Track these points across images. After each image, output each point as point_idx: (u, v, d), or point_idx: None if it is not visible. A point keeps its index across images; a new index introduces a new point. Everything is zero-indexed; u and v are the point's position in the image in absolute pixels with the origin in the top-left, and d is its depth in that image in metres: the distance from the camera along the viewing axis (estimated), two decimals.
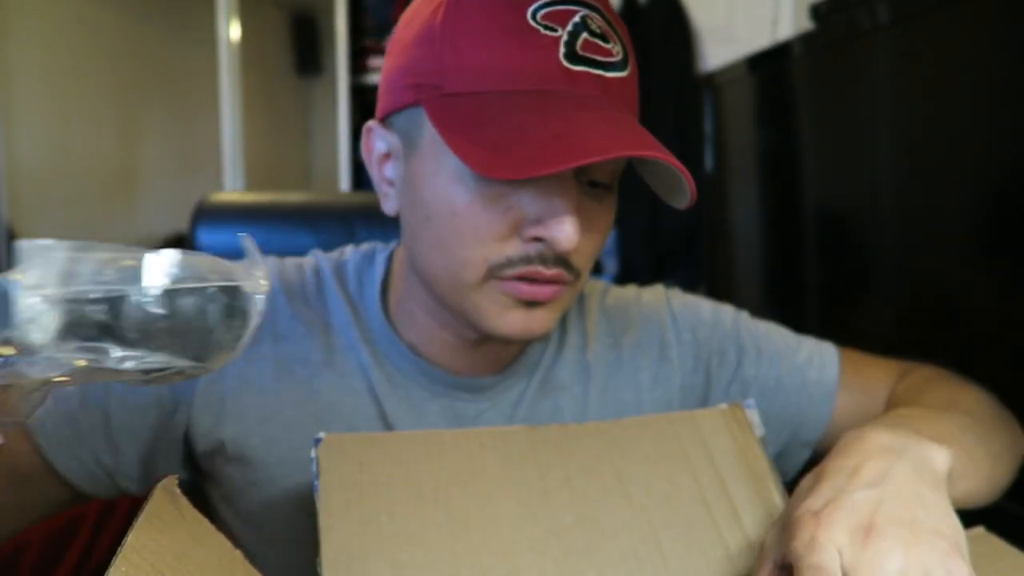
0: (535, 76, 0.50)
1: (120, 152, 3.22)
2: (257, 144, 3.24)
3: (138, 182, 3.32)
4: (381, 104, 0.59)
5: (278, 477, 0.60)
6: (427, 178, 0.54)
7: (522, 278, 0.53)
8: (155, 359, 0.33)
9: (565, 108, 0.49)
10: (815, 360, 0.70)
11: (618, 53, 0.53)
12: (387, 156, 0.59)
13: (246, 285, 0.35)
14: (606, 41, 0.52)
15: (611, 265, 2.50)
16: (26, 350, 0.31)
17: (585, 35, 0.51)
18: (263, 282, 0.36)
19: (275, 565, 0.56)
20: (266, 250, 0.93)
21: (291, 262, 0.69)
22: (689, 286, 0.77)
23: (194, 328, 0.34)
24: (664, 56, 2.30)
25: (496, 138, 0.48)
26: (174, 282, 0.33)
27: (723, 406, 0.57)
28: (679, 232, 2.34)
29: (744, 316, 0.73)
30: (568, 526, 0.48)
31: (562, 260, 0.53)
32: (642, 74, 0.58)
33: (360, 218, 0.93)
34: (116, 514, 0.85)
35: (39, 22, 2.79)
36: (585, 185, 0.54)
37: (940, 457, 0.46)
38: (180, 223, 1.99)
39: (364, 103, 2.78)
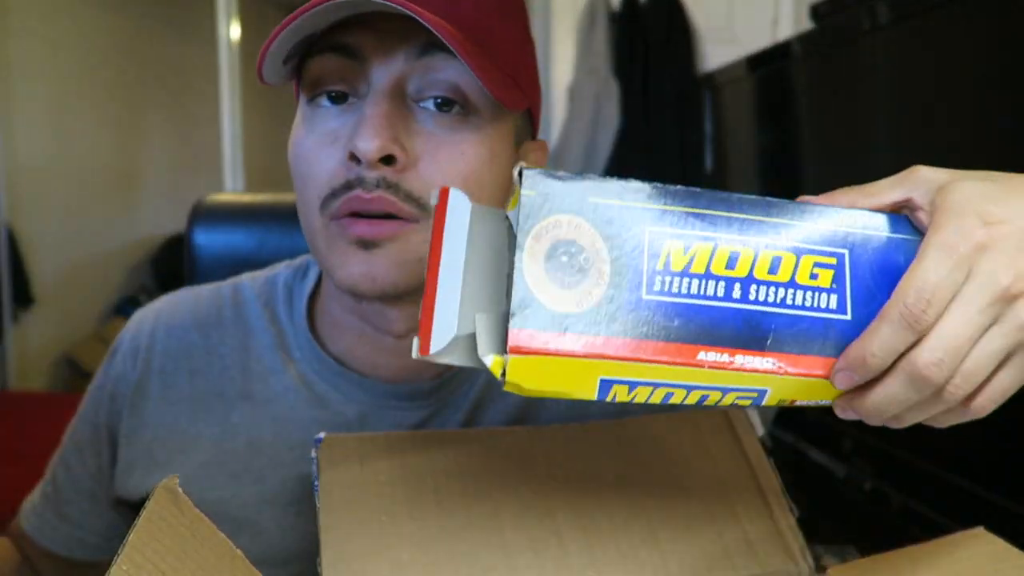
0: None
1: (120, 152, 3.22)
2: (257, 144, 3.24)
3: (138, 182, 3.32)
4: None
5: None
6: (290, 141, 0.54)
7: (353, 213, 0.49)
8: None
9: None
10: None
11: None
12: None
13: None
14: None
15: None
16: None
17: None
18: None
19: None
20: (263, 251, 0.94)
21: (207, 289, 0.66)
22: None
23: None
24: (664, 56, 2.30)
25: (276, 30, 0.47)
26: None
27: (723, 406, 0.57)
28: None
29: None
30: (568, 526, 0.48)
31: (388, 184, 0.48)
32: (642, 74, 0.58)
33: None
34: None
35: (39, 22, 2.79)
36: (431, 110, 0.50)
37: None
38: (180, 223, 2.00)
39: None
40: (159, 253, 3.39)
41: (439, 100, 0.50)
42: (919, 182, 0.40)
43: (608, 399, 0.37)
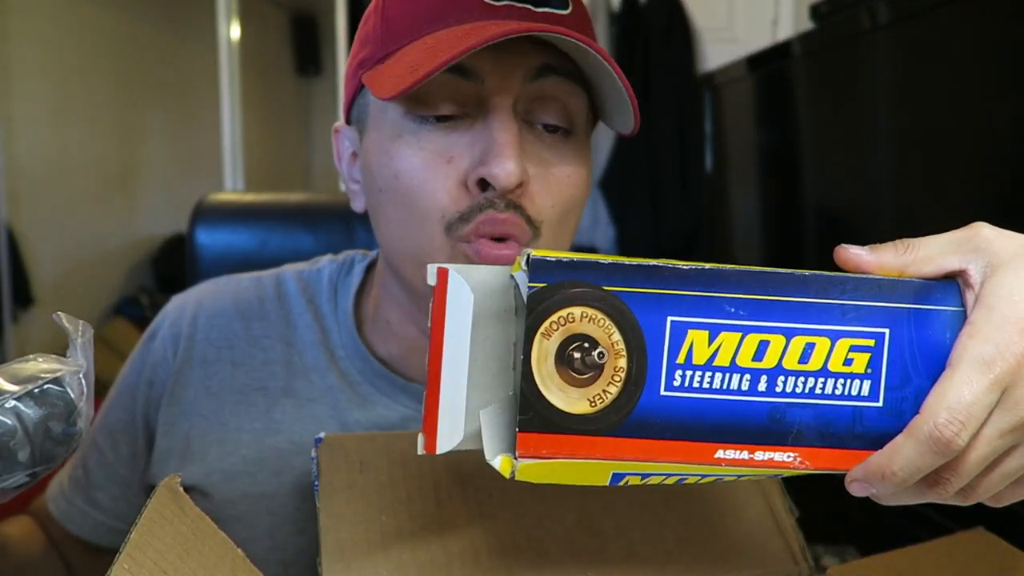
0: (456, 14, 0.48)
1: (120, 152, 3.22)
2: (257, 144, 3.24)
3: (138, 182, 3.32)
4: (343, 104, 0.58)
5: (243, 515, 0.58)
6: (374, 152, 0.53)
7: (483, 235, 0.50)
8: None
9: (476, 27, 0.47)
10: None
11: None
12: (353, 156, 0.58)
13: (55, 375, 0.36)
14: None
15: None
16: None
17: None
18: (79, 364, 0.37)
19: None
20: (265, 250, 0.94)
21: (248, 278, 0.65)
22: None
23: (10, 445, 0.34)
24: (664, 56, 2.31)
25: (403, 68, 0.47)
26: None
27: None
28: (679, 232, 2.34)
29: None
30: (568, 525, 0.48)
31: (514, 205, 0.49)
32: (642, 74, 0.58)
33: (360, 218, 0.93)
34: None
35: (39, 22, 2.79)
36: (539, 130, 0.51)
37: None
38: (180, 223, 2.00)
39: None
40: (159, 253, 3.39)
41: (549, 125, 0.52)
42: (979, 252, 0.35)
43: (620, 484, 0.35)
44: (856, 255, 0.36)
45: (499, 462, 0.33)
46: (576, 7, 0.52)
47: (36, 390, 0.35)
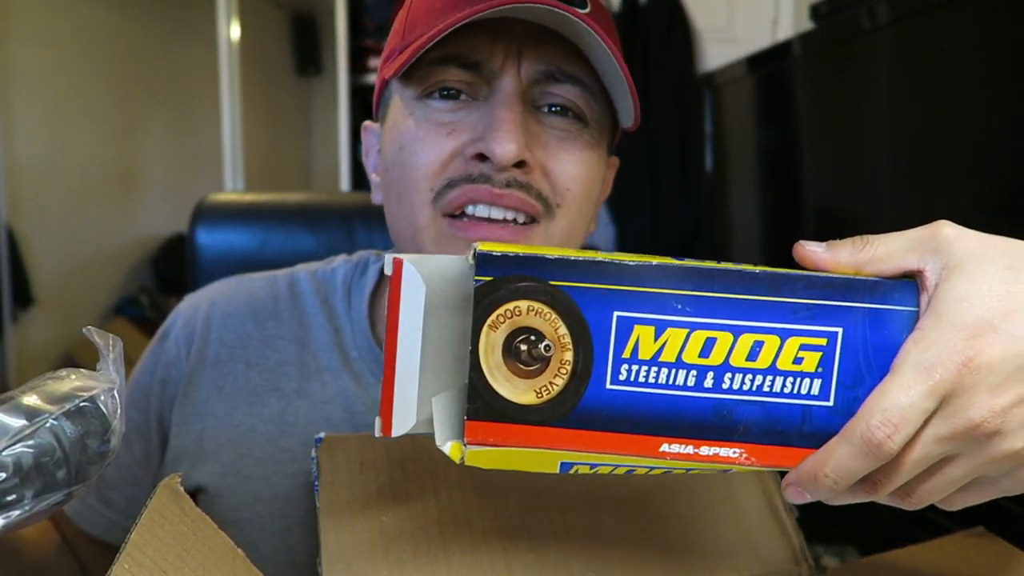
0: (471, 5, 0.47)
1: (120, 152, 3.22)
2: (257, 144, 3.24)
3: (138, 182, 3.32)
4: (374, 103, 0.59)
5: (256, 516, 0.58)
6: (387, 134, 0.54)
7: (473, 210, 0.49)
8: (23, 510, 0.34)
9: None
10: None
11: None
12: (378, 151, 0.59)
13: (91, 393, 0.36)
14: None
15: None
16: None
17: None
18: (111, 379, 0.37)
19: None
20: (266, 250, 0.94)
21: (261, 278, 0.66)
22: None
23: (49, 465, 0.34)
24: (664, 56, 2.30)
25: (413, 50, 0.48)
26: (7, 439, 0.33)
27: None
28: (679, 232, 2.34)
29: None
30: (568, 526, 0.48)
31: (518, 183, 0.49)
32: (642, 74, 0.58)
33: (360, 218, 0.93)
34: None
35: (39, 22, 2.79)
36: (551, 119, 0.51)
37: None
38: (180, 223, 2.00)
39: (364, 103, 2.78)
40: (159, 253, 3.38)
41: (558, 108, 0.52)
42: (937, 253, 0.34)
43: (570, 473, 0.35)
44: (812, 252, 0.36)
45: (449, 448, 0.34)
46: (595, 7, 0.51)
47: (73, 409, 0.36)
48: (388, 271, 0.35)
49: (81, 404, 0.36)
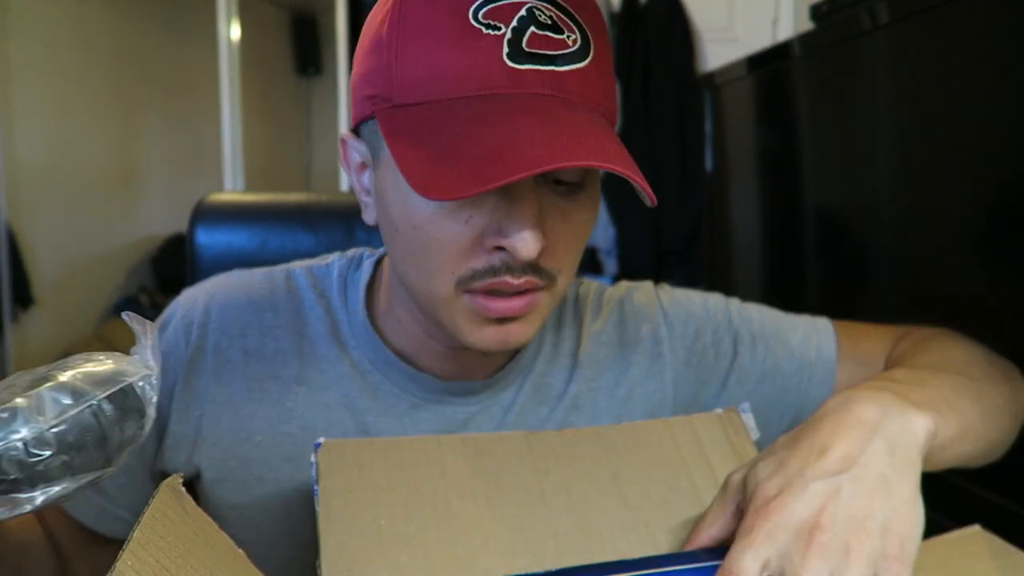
0: (478, 81, 0.47)
1: (120, 152, 3.22)
2: (257, 144, 3.25)
3: (138, 182, 3.32)
4: (352, 114, 0.57)
5: (259, 498, 0.60)
6: (389, 191, 0.53)
7: (491, 291, 0.51)
8: (63, 486, 0.35)
9: (506, 114, 0.47)
10: (812, 339, 0.69)
11: (575, 42, 0.49)
12: (363, 166, 0.58)
13: (130, 379, 0.37)
14: (559, 31, 0.49)
15: (611, 265, 2.50)
16: None
17: (533, 29, 0.48)
18: (149, 366, 0.37)
19: None
20: (266, 250, 0.94)
21: (259, 272, 0.67)
22: (689, 286, 0.77)
23: (89, 444, 0.35)
24: (664, 56, 2.31)
25: (436, 153, 0.46)
26: (53, 416, 0.34)
27: (719, 411, 0.57)
28: (679, 232, 2.34)
29: (734, 304, 0.72)
30: (566, 529, 0.48)
31: (531, 267, 0.51)
32: (642, 74, 0.58)
33: (360, 218, 0.92)
34: None
35: (39, 22, 2.79)
36: (552, 184, 0.52)
37: (921, 426, 0.46)
38: (180, 223, 2.00)
39: None
40: (159, 253, 3.39)
41: (562, 184, 0.52)
42: (730, 493, 0.45)
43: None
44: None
45: None
46: (597, 54, 0.51)
47: (116, 392, 0.36)
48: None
49: (123, 388, 0.36)
